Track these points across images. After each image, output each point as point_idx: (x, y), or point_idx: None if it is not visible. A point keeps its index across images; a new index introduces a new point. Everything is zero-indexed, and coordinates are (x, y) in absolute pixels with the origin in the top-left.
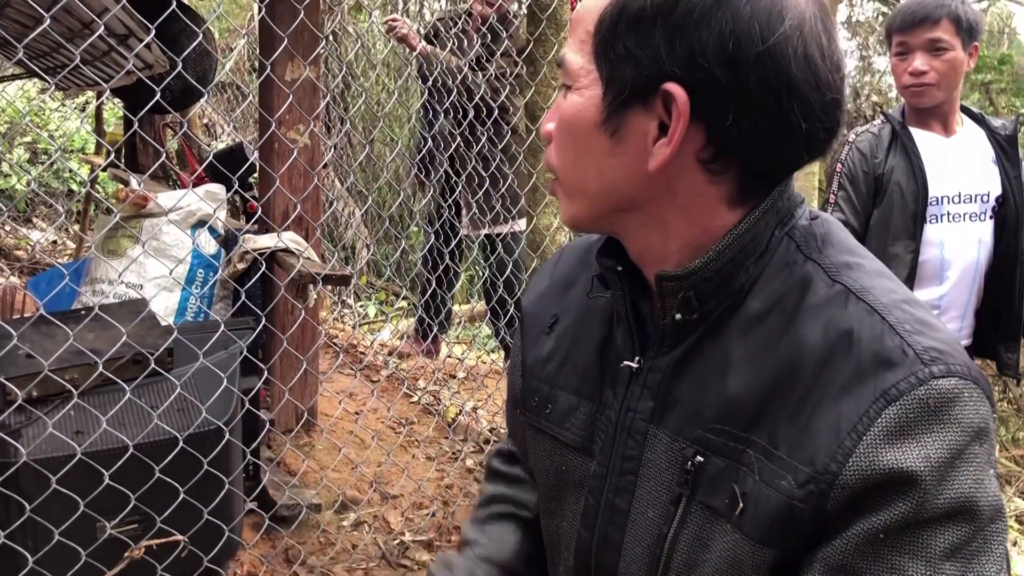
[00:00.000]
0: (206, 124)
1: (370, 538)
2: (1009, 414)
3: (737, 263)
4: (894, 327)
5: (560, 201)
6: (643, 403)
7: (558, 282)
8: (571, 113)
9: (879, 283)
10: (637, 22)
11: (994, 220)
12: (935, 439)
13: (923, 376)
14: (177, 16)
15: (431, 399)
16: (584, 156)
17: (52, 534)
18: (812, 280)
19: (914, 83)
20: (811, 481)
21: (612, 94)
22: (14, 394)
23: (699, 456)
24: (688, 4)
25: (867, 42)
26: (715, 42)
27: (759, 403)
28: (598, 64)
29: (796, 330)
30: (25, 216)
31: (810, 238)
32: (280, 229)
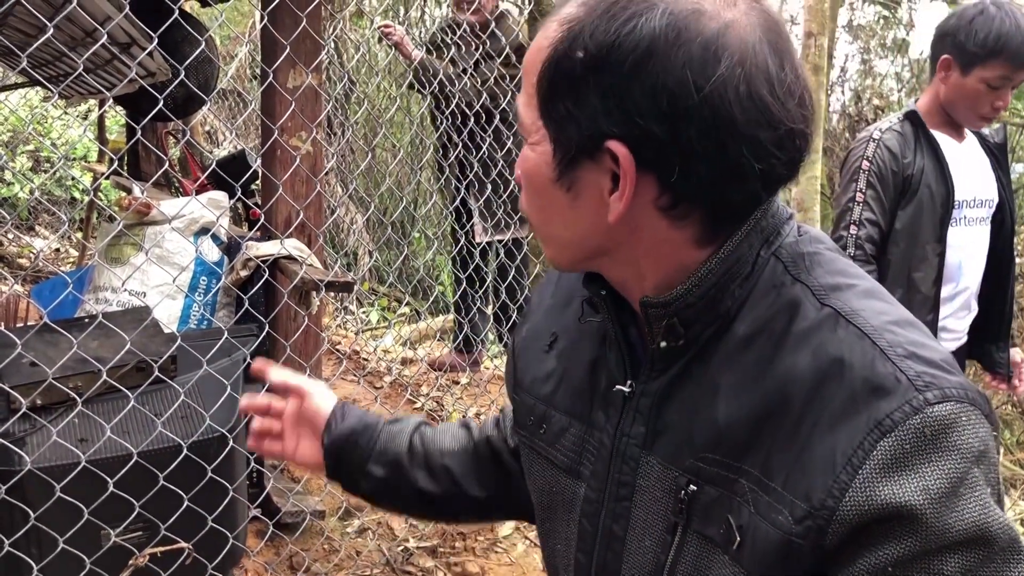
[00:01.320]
0: (208, 131)
1: (374, 545)
2: (1014, 417)
3: (722, 287)
4: (885, 352)
5: (541, 244)
6: (636, 428)
7: (558, 300)
8: (529, 168)
9: (869, 304)
10: (572, 82)
11: (991, 224)
12: (934, 470)
13: (918, 404)
14: (179, 24)
15: (435, 405)
16: (547, 209)
17: (57, 542)
18: (800, 303)
19: (992, 116)
20: (808, 517)
21: (560, 152)
22: (18, 402)
23: (692, 485)
24: (617, 59)
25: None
26: (648, 98)
27: (750, 431)
28: (544, 123)
29: (785, 356)
30: (28, 224)
31: (798, 258)
32: (283, 236)
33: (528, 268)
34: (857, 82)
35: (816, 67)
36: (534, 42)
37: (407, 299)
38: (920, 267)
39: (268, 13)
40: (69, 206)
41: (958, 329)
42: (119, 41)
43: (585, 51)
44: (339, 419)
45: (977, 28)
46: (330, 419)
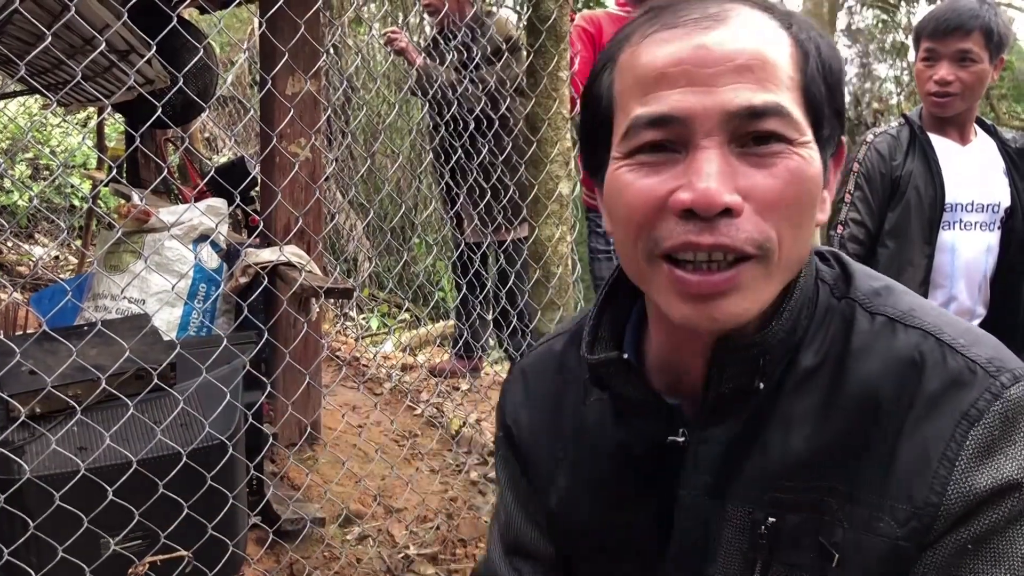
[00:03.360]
0: (207, 138)
1: (374, 552)
2: None
3: (796, 319)
4: (951, 345)
5: (753, 287)
6: (699, 478)
7: (543, 408)
8: (814, 171)
9: (914, 302)
10: (839, 81)
11: (1002, 231)
12: (1022, 447)
13: (996, 390)
14: (178, 31)
15: (435, 411)
16: (812, 221)
17: (56, 551)
18: (853, 319)
19: (938, 91)
20: (912, 517)
21: (828, 150)
22: (17, 411)
23: (771, 517)
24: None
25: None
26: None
27: (832, 453)
28: (814, 118)
29: (854, 371)
30: (27, 232)
31: (837, 278)
32: (282, 243)
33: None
34: (856, 86)
35: None
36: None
37: (407, 305)
38: (907, 268)
39: (267, 20)
40: (68, 214)
41: None
42: (118, 48)
43: (831, 55)
44: None
45: (922, 19)
46: None
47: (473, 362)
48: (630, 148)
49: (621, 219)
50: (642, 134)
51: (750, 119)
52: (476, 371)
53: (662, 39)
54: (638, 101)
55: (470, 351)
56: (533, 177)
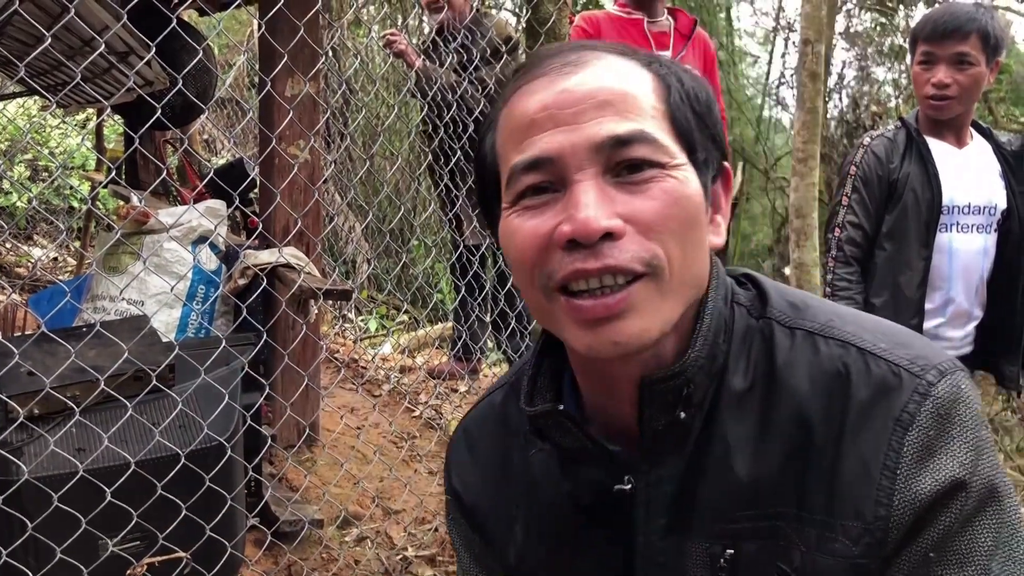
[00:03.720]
0: (206, 140)
1: (373, 554)
2: (1013, 424)
3: (714, 344)
4: (872, 351)
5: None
6: (654, 521)
7: (491, 465)
8: (691, 190)
9: (832, 313)
10: (708, 107)
11: (998, 233)
12: (960, 443)
13: (924, 389)
14: (177, 33)
15: (433, 413)
16: (700, 240)
17: (54, 552)
18: (772, 337)
19: (936, 94)
20: (865, 534)
21: (706, 172)
22: (16, 412)
23: (729, 549)
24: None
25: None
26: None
27: (776, 475)
28: (684, 143)
29: (785, 391)
30: (26, 233)
31: (752, 299)
32: (281, 244)
33: None
34: (855, 89)
35: (813, 74)
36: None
37: (406, 307)
38: (905, 271)
39: (266, 22)
40: (67, 215)
41: (954, 337)
42: (117, 50)
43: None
44: None
45: (917, 23)
46: None
47: (472, 364)
48: (513, 196)
49: (515, 262)
50: (521, 180)
51: (618, 148)
52: (475, 373)
53: (530, 90)
54: (515, 150)
55: (469, 353)
56: None
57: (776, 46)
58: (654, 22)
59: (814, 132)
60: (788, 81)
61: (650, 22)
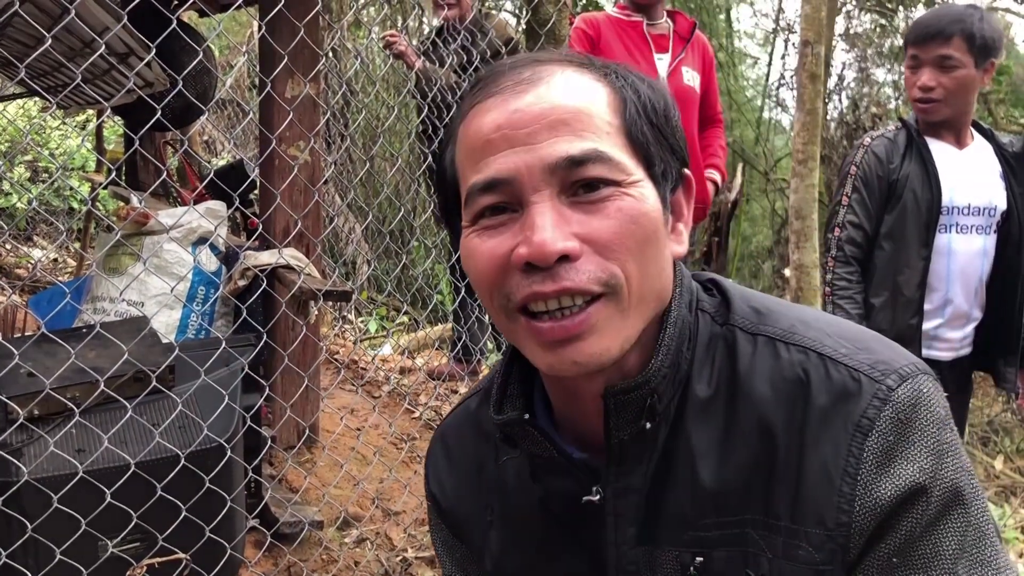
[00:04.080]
0: (206, 141)
1: (372, 555)
2: (1014, 424)
3: (677, 353)
4: (832, 357)
5: (608, 326)
6: (623, 532)
7: (466, 474)
8: (648, 207)
9: (795, 317)
10: (666, 117)
11: (998, 234)
12: (920, 447)
13: (883, 394)
14: (177, 34)
15: (433, 414)
16: (660, 255)
17: (54, 553)
18: (735, 343)
19: (922, 97)
20: (828, 540)
21: (665, 185)
22: (16, 413)
23: (698, 557)
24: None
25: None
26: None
27: (741, 482)
28: (641, 158)
29: (748, 398)
30: (26, 234)
31: (717, 305)
32: (281, 246)
33: None
34: (854, 90)
35: (813, 75)
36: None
37: (405, 308)
38: (904, 271)
39: (266, 23)
40: (67, 216)
41: (953, 339)
42: (117, 51)
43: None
44: None
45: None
46: None
47: (472, 365)
48: (472, 215)
49: (475, 283)
50: (479, 200)
51: (572, 168)
52: (474, 374)
53: (485, 108)
54: (472, 169)
55: (468, 354)
56: None
57: (776, 47)
58: (653, 24)
59: (814, 133)
60: (788, 82)
61: (649, 24)
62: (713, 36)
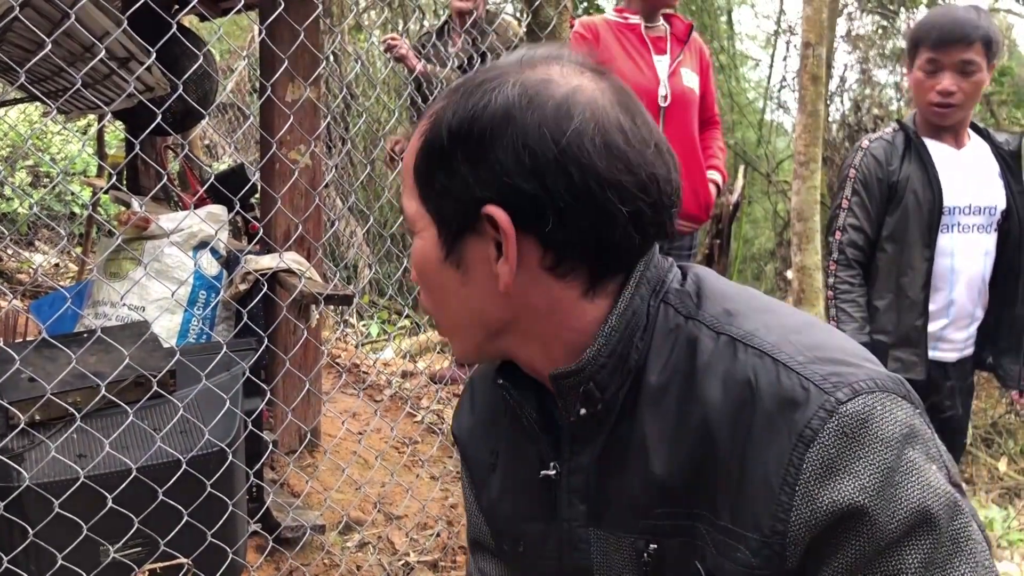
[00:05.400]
0: (207, 145)
1: (374, 559)
2: (1017, 426)
3: (626, 342)
4: (787, 364)
5: (448, 341)
6: (574, 509)
7: (482, 417)
8: (418, 257)
9: (762, 320)
10: (442, 158)
11: (997, 233)
12: (864, 465)
13: (831, 406)
14: (178, 39)
15: (435, 418)
16: (442, 294)
17: (55, 558)
18: (697, 338)
19: (940, 102)
20: (764, 547)
21: (444, 230)
22: (17, 418)
23: (652, 544)
24: (479, 130)
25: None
26: (512, 158)
27: (690, 475)
28: (425, 206)
29: (698, 394)
30: (27, 239)
31: (685, 297)
32: (282, 249)
33: None
34: (856, 92)
35: (815, 77)
36: (410, 142)
37: (407, 312)
38: (908, 272)
39: (267, 27)
40: (68, 221)
41: (958, 339)
42: (118, 56)
43: (449, 128)
44: None
45: (914, 27)
46: None
47: (473, 369)
48: None
49: None
50: None
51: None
52: None
53: None
54: None
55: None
56: None
57: (777, 49)
58: (651, 27)
59: (815, 135)
60: (789, 84)
61: (647, 27)
62: (714, 38)
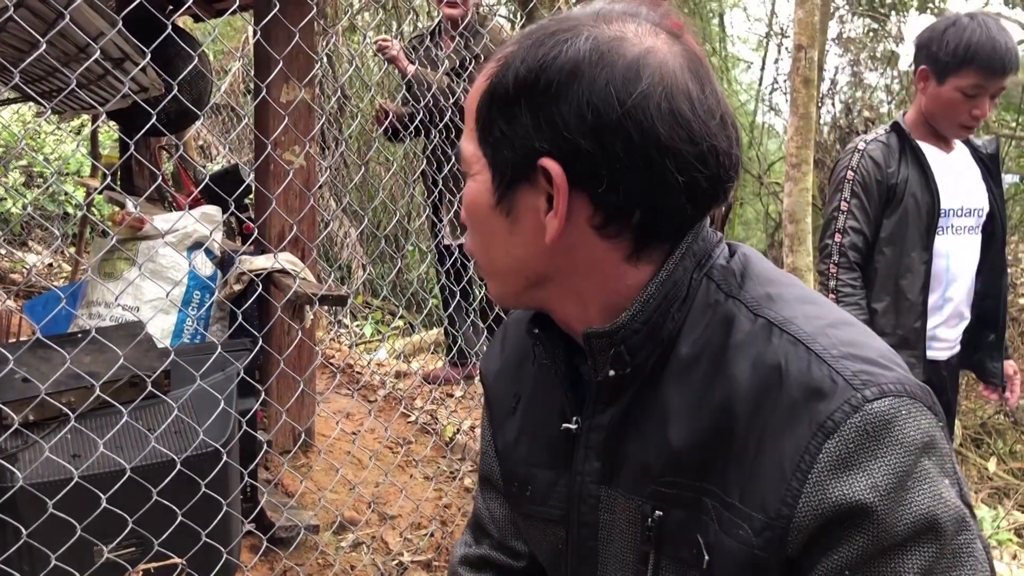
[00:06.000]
0: (202, 146)
1: (368, 559)
2: (1006, 427)
3: (663, 311)
4: (820, 355)
5: (486, 281)
6: (589, 464)
7: (510, 360)
8: (470, 199)
9: (802, 310)
10: (505, 105)
11: (981, 234)
12: (880, 465)
13: (856, 402)
14: (172, 39)
15: (428, 418)
16: (489, 238)
17: (49, 558)
18: (735, 318)
19: (971, 124)
20: (767, 528)
21: (498, 177)
22: (10, 418)
23: (658, 511)
24: (546, 81)
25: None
26: (575, 114)
27: (705, 450)
28: (483, 150)
29: (726, 371)
30: (21, 239)
31: (729, 275)
32: (276, 250)
33: None
34: (847, 94)
35: (806, 79)
36: (475, 83)
37: (401, 312)
38: (907, 275)
39: (261, 28)
40: (62, 221)
41: (949, 338)
42: (112, 56)
43: (516, 76)
44: None
45: (948, 39)
46: None
47: (467, 369)
48: None
49: None
50: None
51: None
52: (470, 378)
53: None
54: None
55: (464, 358)
56: None
57: (769, 52)
58: None
59: (807, 137)
60: (781, 87)
61: None
62: (706, 40)
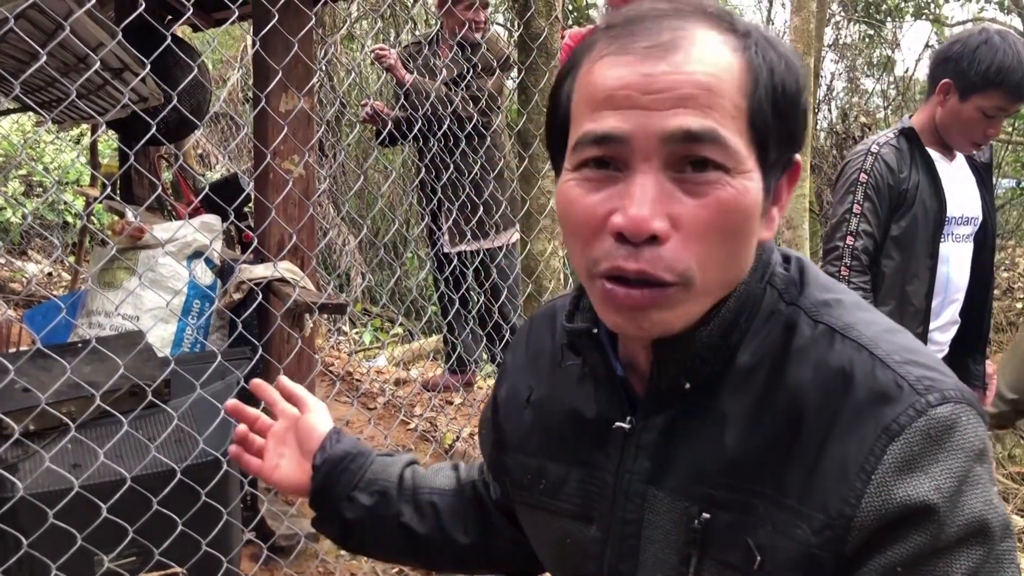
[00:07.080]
0: (201, 155)
1: (368, 567)
2: (1006, 431)
3: (734, 323)
4: (884, 360)
5: (675, 306)
6: (639, 464)
7: (532, 354)
8: (741, 203)
9: (860, 316)
10: (793, 104)
11: (973, 242)
12: (943, 468)
13: (921, 407)
14: (171, 49)
15: (428, 426)
16: (747, 246)
17: (50, 568)
18: (796, 324)
19: (983, 142)
20: (827, 528)
21: (771, 176)
22: (11, 428)
23: (705, 513)
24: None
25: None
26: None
27: (761, 456)
28: (757, 146)
29: (788, 377)
30: (21, 249)
31: (790, 283)
32: (276, 259)
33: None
34: (843, 100)
35: None
36: (706, 54)
37: (400, 320)
38: (913, 280)
39: (260, 38)
40: (62, 231)
41: (942, 341)
42: (111, 67)
43: (799, 76)
44: (334, 441)
45: (980, 58)
46: (325, 440)
47: (466, 376)
48: (576, 162)
49: (568, 233)
50: (586, 150)
51: (686, 143)
52: (469, 385)
53: (615, 62)
54: (587, 118)
55: (463, 365)
56: (525, 192)
57: None
58: None
59: (804, 144)
60: None
61: None
62: None
